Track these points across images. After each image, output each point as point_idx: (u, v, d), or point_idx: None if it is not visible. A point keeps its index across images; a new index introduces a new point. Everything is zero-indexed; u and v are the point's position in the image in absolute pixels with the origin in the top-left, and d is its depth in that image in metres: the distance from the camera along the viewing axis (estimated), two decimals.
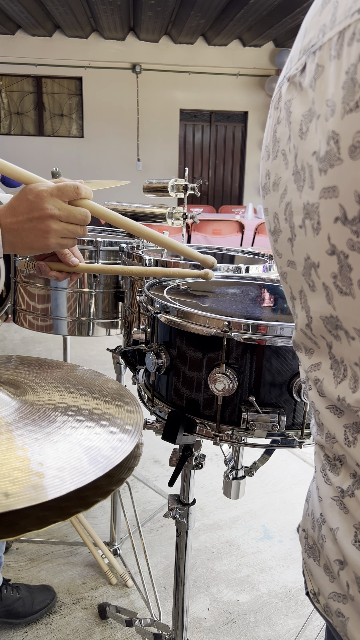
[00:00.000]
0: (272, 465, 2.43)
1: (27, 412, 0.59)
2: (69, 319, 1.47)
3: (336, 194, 0.34)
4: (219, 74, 8.67)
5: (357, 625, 0.43)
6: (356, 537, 0.42)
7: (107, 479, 0.54)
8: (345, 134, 0.32)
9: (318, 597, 0.50)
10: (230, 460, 1.06)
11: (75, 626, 1.50)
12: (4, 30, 7.84)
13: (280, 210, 0.44)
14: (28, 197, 0.72)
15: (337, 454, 0.44)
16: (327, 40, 0.34)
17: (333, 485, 0.45)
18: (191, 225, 4.65)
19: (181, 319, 0.81)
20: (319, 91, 0.35)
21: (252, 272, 1.24)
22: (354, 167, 0.32)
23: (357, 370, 0.39)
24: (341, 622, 0.46)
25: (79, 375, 0.74)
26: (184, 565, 1.07)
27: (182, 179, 1.54)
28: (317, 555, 0.49)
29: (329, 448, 0.45)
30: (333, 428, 0.43)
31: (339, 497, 0.44)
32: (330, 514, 0.45)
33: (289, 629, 1.52)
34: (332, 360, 0.43)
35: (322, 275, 0.39)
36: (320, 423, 0.46)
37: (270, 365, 0.76)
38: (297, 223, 0.41)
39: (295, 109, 0.39)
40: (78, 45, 8.28)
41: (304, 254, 0.41)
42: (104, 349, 3.83)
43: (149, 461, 2.42)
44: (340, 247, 0.36)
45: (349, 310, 0.37)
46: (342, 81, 0.32)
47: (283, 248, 0.45)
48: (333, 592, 0.46)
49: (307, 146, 0.37)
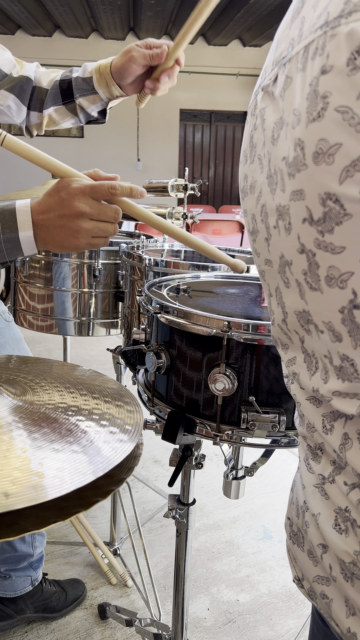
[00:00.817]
0: (272, 465, 2.43)
1: (27, 412, 0.59)
2: (70, 319, 1.48)
3: (303, 196, 0.37)
4: (219, 74, 8.68)
5: (340, 605, 0.46)
6: (336, 521, 0.44)
7: (107, 479, 0.54)
8: (309, 142, 0.35)
9: (302, 582, 0.52)
10: (230, 460, 1.06)
11: (75, 626, 1.50)
12: (4, 30, 7.85)
13: (257, 212, 0.46)
14: (60, 194, 0.72)
15: (317, 443, 0.47)
16: (294, 54, 0.37)
17: (315, 473, 0.47)
18: (191, 225, 4.65)
19: (181, 319, 0.81)
20: (287, 101, 0.38)
21: (252, 272, 1.24)
22: (317, 172, 0.35)
23: (327, 363, 0.42)
24: (326, 604, 0.48)
25: (79, 375, 0.74)
26: (184, 565, 1.07)
27: (182, 179, 1.54)
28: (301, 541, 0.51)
29: (310, 437, 0.48)
30: (312, 418, 0.46)
31: (320, 484, 0.46)
32: (313, 501, 0.48)
33: (289, 629, 1.52)
34: (305, 354, 0.46)
35: (295, 273, 0.42)
36: (302, 414, 0.49)
37: (270, 365, 0.76)
38: (272, 224, 0.43)
39: (268, 117, 0.42)
40: (78, 45, 8.28)
41: (278, 252, 0.44)
42: (104, 349, 3.83)
43: (149, 461, 2.42)
44: (308, 246, 0.38)
45: (318, 305, 0.40)
46: (307, 93, 0.34)
47: (261, 247, 0.48)
48: (317, 576, 0.49)
49: (278, 152, 0.40)
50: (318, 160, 0.34)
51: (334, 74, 0.32)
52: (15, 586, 1.43)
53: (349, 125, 0.32)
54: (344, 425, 0.42)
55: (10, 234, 0.72)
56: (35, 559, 1.43)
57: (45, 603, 1.49)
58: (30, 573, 1.44)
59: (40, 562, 1.45)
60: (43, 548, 1.45)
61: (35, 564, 1.44)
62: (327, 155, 0.34)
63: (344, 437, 0.42)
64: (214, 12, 6.89)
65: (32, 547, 1.40)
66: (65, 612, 1.52)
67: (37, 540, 1.42)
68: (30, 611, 1.47)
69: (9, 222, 0.72)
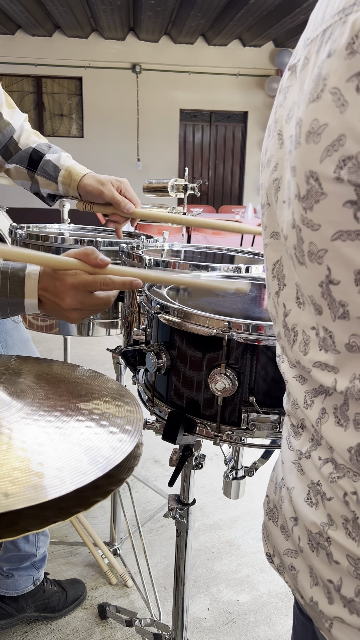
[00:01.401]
0: (272, 465, 2.43)
1: (27, 412, 0.59)
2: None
3: (295, 173, 0.38)
4: (219, 74, 8.68)
5: (306, 577, 0.48)
6: (308, 495, 0.47)
7: (107, 479, 0.54)
8: (306, 121, 0.36)
9: (273, 557, 0.55)
10: (230, 460, 1.06)
11: (75, 626, 1.50)
12: (4, 30, 7.85)
13: (269, 185, 0.48)
14: (55, 283, 0.76)
15: (299, 419, 0.49)
16: (315, 36, 0.38)
17: (294, 450, 0.50)
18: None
19: (181, 319, 0.81)
20: (301, 81, 0.39)
21: (252, 272, 1.24)
22: (306, 151, 0.36)
23: (311, 334, 0.44)
24: (293, 576, 0.50)
25: (79, 375, 0.74)
26: (184, 565, 1.07)
27: (182, 179, 1.54)
28: (275, 517, 0.54)
29: (293, 414, 0.50)
30: (297, 394, 0.48)
31: (297, 460, 0.49)
32: (289, 476, 0.50)
33: (289, 629, 1.52)
34: (284, 328, 0.48)
35: (288, 247, 0.44)
36: (289, 392, 0.51)
37: (271, 366, 0.76)
38: (281, 198, 0.45)
39: (290, 95, 0.43)
40: (78, 45, 8.28)
41: (282, 226, 0.45)
42: (104, 349, 3.82)
43: (149, 461, 2.42)
44: (297, 221, 0.40)
45: (304, 279, 0.42)
46: (314, 75, 0.36)
47: (269, 221, 0.50)
48: (287, 549, 0.51)
49: (289, 130, 0.41)
50: (308, 139, 0.36)
51: (335, 57, 0.33)
52: (17, 585, 1.43)
53: (336, 107, 0.33)
54: (323, 400, 0.44)
55: (16, 299, 0.77)
56: (38, 559, 1.43)
57: (46, 603, 1.49)
58: (33, 573, 1.44)
59: (42, 562, 1.46)
60: (46, 548, 1.46)
61: (37, 563, 1.44)
62: (316, 134, 0.35)
63: (322, 411, 0.44)
64: (214, 12, 6.89)
65: (35, 547, 1.41)
66: (65, 612, 1.53)
67: (40, 540, 1.42)
68: (30, 610, 1.47)
69: (17, 288, 0.76)
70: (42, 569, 1.47)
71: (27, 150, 1.17)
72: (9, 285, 0.76)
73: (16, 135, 1.18)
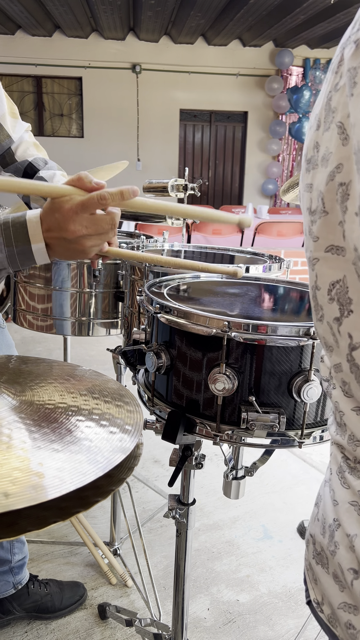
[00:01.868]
0: (272, 465, 2.43)
1: (27, 412, 0.59)
2: (70, 319, 1.47)
3: None
4: (219, 74, 8.67)
5: None
6: None
7: (107, 479, 0.54)
8: None
9: (322, 606, 0.48)
10: (230, 460, 1.06)
11: (75, 626, 1.50)
12: (4, 30, 7.84)
13: (328, 190, 0.39)
14: (55, 215, 0.73)
15: (358, 457, 0.42)
16: None
17: (352, 489, 0.43)
18: (191, 225, 4.65)
19: (181, 318, 0.81)
20: None
21: (252, 272, 1.24)
22: None
23: None
24: (351, 635, 0.43)
25: (79, 375, 0.74)
26: (184, 565, 1.07)
27: (182, 179, 1.54)
28: (325, 562, 0.47)
29: (350, 450, 0.43)
30: (355, 428, 0.42)
31: (358, 502, 0.42)
32: (348, 520, 0.43)
33: (289, 629, 1.52)
34: (351, 363, 0.40)
35: None
36: (343, 424, 0.44)
37: (270, 365, 0.76)
38: (352, 209, 0.36)
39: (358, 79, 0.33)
40: (78, 45, 8.27)
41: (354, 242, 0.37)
42: (104, 349, 3.82)
43: (149, 461, 2.42)
44: None
45: None
46: None
47: (324, 232, 0.40)
48: (343, 602, 0.44)
49: None
50: None
51: None
52: None
53: None
54: None
55: (23, 246, 0.74)
56: (15, 565, 1.44)
57: (36, 604, 1.49)
58: (10, 578, 1.44)
59: (20, 568, 1.46)
60: (24, 555, 1.46)
61: (15, 569, 1.45)
62: None
63: None
64: (214, 12, 6.89)
65: (10, 553, 1.41)
66: (63, 614, 1.52)
67: (15, 547, 1.43)
68: (20, 612, 1.48)
69: (21, 235, 0.74)
70: (22, 574, 1.47)
71: (23, 163, 1.17)
72: (13, 234, 0.73)
73: (14, 146, 1.18)
